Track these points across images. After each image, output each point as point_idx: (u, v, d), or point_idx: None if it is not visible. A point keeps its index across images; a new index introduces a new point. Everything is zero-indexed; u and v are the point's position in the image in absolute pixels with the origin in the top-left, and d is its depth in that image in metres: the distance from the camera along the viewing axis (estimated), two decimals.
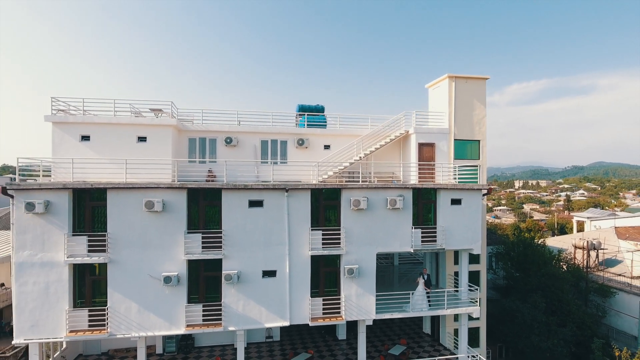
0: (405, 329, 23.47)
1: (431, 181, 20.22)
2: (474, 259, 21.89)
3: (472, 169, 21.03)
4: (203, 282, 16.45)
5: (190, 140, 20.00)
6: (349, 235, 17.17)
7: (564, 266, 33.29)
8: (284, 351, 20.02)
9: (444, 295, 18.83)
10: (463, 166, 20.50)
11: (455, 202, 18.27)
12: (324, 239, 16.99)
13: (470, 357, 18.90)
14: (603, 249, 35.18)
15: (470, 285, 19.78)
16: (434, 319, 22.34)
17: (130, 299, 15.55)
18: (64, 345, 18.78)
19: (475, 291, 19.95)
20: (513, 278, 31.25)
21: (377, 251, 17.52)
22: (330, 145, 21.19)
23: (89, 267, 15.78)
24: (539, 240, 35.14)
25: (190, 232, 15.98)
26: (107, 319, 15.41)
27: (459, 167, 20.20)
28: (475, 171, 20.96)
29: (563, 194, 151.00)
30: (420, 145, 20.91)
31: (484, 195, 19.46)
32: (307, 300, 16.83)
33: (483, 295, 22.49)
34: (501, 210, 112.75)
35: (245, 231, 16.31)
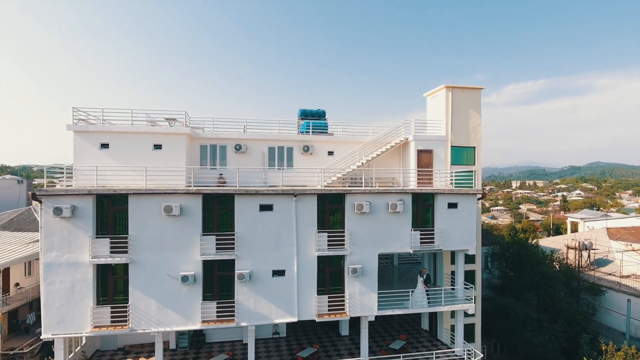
0: (405, 325, 24.72)
1: (429, 186, 21.41)
2: (470, 259, 23.10)
3: (468, 174, 22.23)
4: (217, 281, 17.64)
5: (202, 147, 21.10)
6: (352, 237, 18.39)
7: (557, 266, 34.56)
8: (290, 346, 21.22)
9: (442, 293, 20.06)
10: (459, 172, 21.70)
11: (452, 206, 19.53)
12: (329, 241, 18.23)
13: (465, 352, 20.11)
14: (594, 249, 36.52)
15: (466, 283, 21.01)
16: (431, 315, 23.60)
17: (150, 297, 16.72)
18: (84, 341, 19.96)
19: (471, 289, 21.21)
20: (507, 277, 32.54)
21: (379, 252, 18.75)
22: (333, 152, 22.33)
23: (110, 267, 16.94)
24: (533, 240, 36.36)
25: (205, 235, 17.16)
26: (129, 315, 16.57)
27: (456, 173, 21.42)
28: (471, 176, 22.18)
29: (560, 194, 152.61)
30: (419, 152, 22.10)
31: (478, 199, 20.68)
32: (314, 298, 18.03)
33: (478, 293, 23.71)
34: (498, 210, 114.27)
35: (256, 233, 17.51)
